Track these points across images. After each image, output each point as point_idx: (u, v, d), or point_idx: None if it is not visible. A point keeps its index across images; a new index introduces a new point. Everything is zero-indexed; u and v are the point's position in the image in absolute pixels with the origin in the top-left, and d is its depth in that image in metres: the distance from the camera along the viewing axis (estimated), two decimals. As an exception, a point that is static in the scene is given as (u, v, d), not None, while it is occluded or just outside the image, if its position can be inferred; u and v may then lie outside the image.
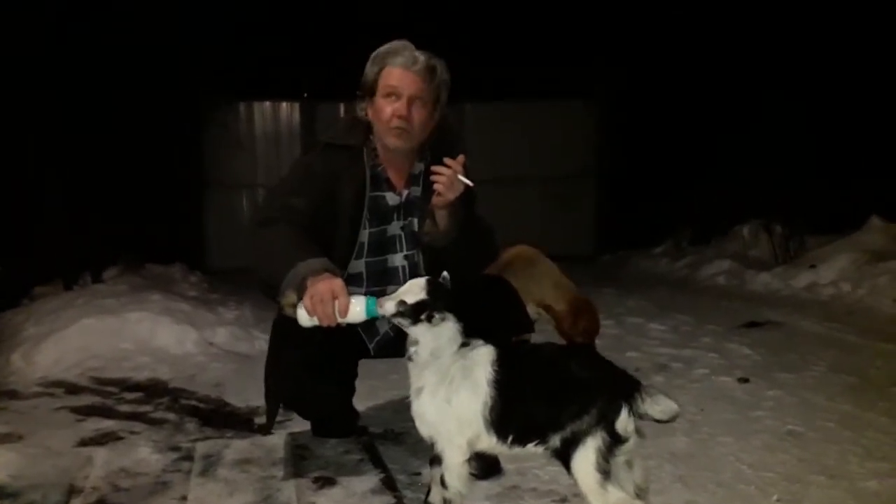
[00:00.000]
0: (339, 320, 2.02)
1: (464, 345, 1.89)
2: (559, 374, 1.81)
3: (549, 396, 1.78)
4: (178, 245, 8.18)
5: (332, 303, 2.00)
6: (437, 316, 1.86)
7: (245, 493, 2.29)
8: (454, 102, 2.48)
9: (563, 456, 1.76)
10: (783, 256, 7.15)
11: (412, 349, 1.91)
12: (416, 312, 1.87)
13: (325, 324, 2.03)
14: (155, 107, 7.75)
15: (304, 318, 2.04)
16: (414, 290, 1.88)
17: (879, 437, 2.75)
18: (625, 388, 1.74)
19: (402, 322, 1.90)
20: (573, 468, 1.74)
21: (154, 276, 6.46)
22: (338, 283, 2.03)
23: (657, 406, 1.72)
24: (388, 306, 1.90)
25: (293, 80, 9.86)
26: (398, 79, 2.30)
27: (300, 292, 2.06)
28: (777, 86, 7.79)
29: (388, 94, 2.31)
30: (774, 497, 2.24)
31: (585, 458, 1.72)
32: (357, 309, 2.00)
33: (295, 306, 2.06)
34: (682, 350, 4.26)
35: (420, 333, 1.89)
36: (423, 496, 2.23)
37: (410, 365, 1.93)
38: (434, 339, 1.88)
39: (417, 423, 1.93)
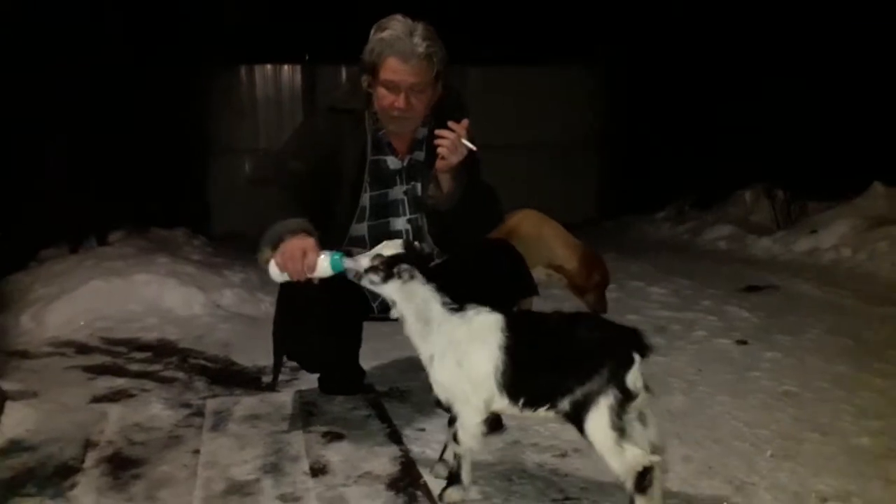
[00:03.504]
0: (308, 275, 2.11)
1: (456, 308, 1.93)
2: (567, 340, 1.84)
3: (557, 362, 1.82)
4: (182, 209, 8.21)
5: (301, 259, 2.09)
6: (405, 271, 1.92)
7: (256, 446, 2.37)
8: (456, 65, 2.49)
9: (576, 419, 1.78)
10: (784, 221, 7.18)
11: (393, 312, 1.99)
12: (389, 266, 1.93)
13: (294, 279, 2.13)
14: (157, 71, 7.70)
15: (276, 273, 2.17)
16: (391, 246, 1.97)
17: (873, 397, 2.81)
18: (631, 341, 1.78)
19: (374, 279, 1.96)
20: (588, 430, 1.76)
21: (159, 240, 6.50)
22: (309, 242, 2.13)
23: None
24: (363, 261, 1.97)
25: (294, 42, 9.77)
26: (396, 72, 2.31)
27: (275, 250, 2.14)
28: (781, 51, 7.72)
29: (387, 86, 2.34)
30: (768, 453, 2.31)
31: (599, 418, 1.73)
32: (323, 265, 2.10)
33: (269, 262, 2.16)
34: (682, 313, 4.32)
35: (392, 292, 1.96)
36: (427, 451, 2.32)
37: (408, 333, 1.98)
38: (407, 298, 1.94)
39: (435, 389, 1.97)
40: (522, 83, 10.21)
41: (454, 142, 2.22)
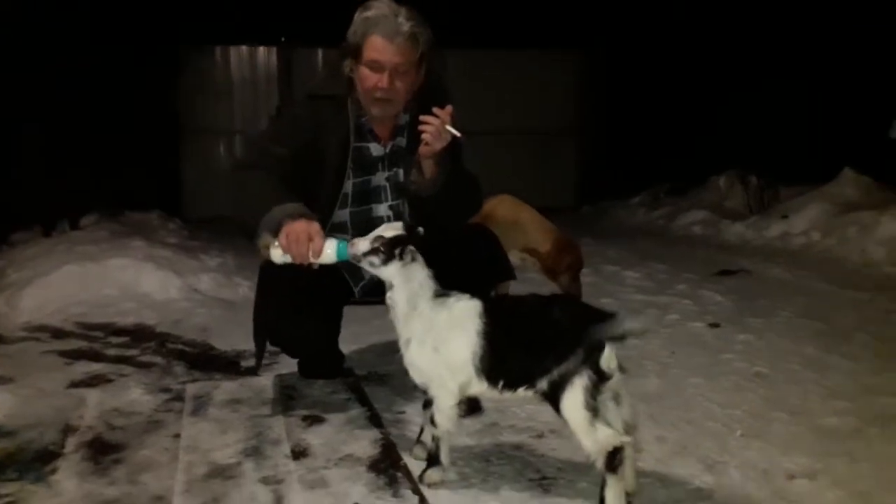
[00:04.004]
0: (312, 260, 2.11)
1: (441, 295, 1.96)
2: (542, 322, 1.87)
3: (534, 343, 1.85)
4: (156, 192, 8.13)
5: (307, 243, 2.09)
6: (408, 252, 1.93)
7: (237, 430, 2.38)
8: (436, 46, 2.49)
9: (552, 398, 1.81)
10: (757, 207, 7.31)
11: (388, 294, 1.98)
12: (391, 247, 1.94)
13: (297, 262, 2.12)
14: (131, 52, 7.59)
15: (278, 255, 2.15)
16: (392, 228, 1.98)
17: (841, 378, 2.89)
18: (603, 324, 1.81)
19: (374, 262, 1.96)
20: (563, 408, 1.79)
21: (133, 224, 6.43)
22: (314, 226, 2.12)
23: (629, 322, 1.78)
24: (363, 245, 1.97)
25: (270, 24, 9.67)
26: (380, 51, 2.31)
27: (276, 235, 2.14)
28: (755, 42, 7.81)
29: (371, 66, 2.34)
30: (739, 433, 2.38)
31: (574, 397, 1.77)
32: (328, 251, 2.10)
33: (269, 248, 2.15)
34: (656, 297, 4.39)
35: (392, 274, 1.96)
36: (406, 433, 2.35)
37: (394, 318, 2.00)
38: (406, 280, 1.95)
39: (410, 372, 2.00)
40: (502, 69, 10.24)
41: (438, 128, 2.22)
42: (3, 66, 5.61)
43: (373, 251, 1.95)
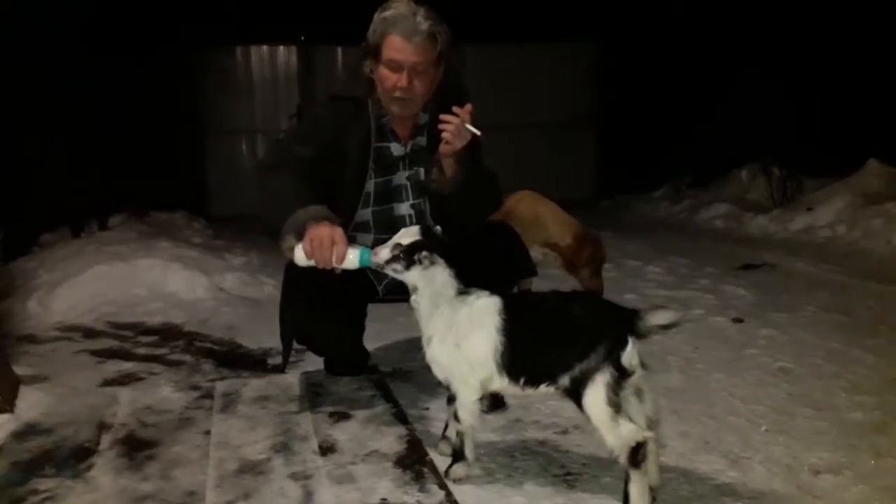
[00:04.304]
0: (335, 265, 2.14)
1: (463, 293, 1.99)
2: (563, 318, 1.89)
3: (555, 340, 1.87)
4: (180, 192, 8.23)
5: (330, 248, 2.13)
6: (425, 257, 1.97)
7: (266, 427, 2.44)
8: (454, 44, 2.51)
9: (574, 394, 1.84)
10: (780, 199, 7.24)
11: (413, 297, 2.03)
12: (410, 253, 1.98)
13: (320, 266, 2.16)
14: (153, 54, 7.68)
15: (301, 258, 2.19)
16: (409, 234, 2.02)
17: (865, 373, 2.88)
18: (626, 322, 1.83)
19: (397, 268, 2.01)
20: (585, 404, 1.82)
21: (159, 224, 6.54)
22: (338, 232, 2.16)
23: (658, 316, 1.81)
24: (384, 253, 2.02)
25: (289, 23, 9.74)
26: (399, 50, 2.34)
27: (300, 237, 2.18)
28: (778, 27, 7.72)
29: (390, 65, 2.37)
30: (763, 428, 2.38)
31: (596, 394, 1.79)
32: (351, 257, 2.15)
33: (293, 250, 2.19)
34: (678, 292, 4.38)
35: (415, 279, 2.00)
36: (431, 429, 2.39)
37: (417, 316, 2.04)
38: (429, 282, 1.99)
39: (433, 369, 2.04)
40: (518, 62, 10.20)
41: (458, 126, 2.25)
42: (30, 70, 5.72)
43: (394, 258, 2.00)
